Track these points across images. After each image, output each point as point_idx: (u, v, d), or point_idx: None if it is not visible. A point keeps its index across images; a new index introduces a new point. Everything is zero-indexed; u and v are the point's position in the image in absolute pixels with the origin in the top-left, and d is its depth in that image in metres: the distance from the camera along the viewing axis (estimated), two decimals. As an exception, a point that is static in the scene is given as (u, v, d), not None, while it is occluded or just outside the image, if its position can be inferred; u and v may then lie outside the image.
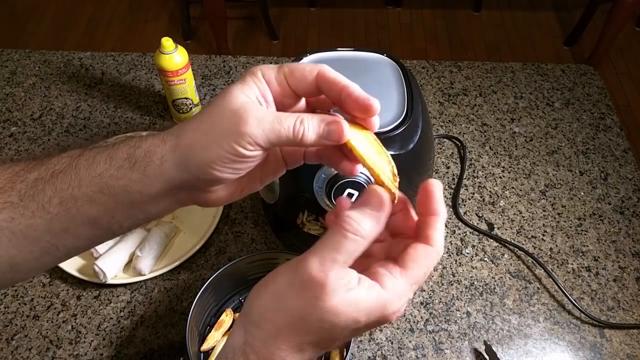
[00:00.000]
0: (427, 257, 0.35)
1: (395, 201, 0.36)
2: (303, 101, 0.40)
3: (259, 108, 0.36)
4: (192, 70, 0.99)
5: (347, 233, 0.33)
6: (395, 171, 0.38)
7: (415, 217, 0.38)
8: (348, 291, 0.33)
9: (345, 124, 0.36)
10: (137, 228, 0.41)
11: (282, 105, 0.39)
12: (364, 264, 0.35)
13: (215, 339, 0.74)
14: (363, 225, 0.33)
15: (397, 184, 0.37)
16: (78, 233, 0.39)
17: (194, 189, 0.39)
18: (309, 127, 0.36)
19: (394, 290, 0.33)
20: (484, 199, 0.95)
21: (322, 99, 0.39)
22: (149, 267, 0.83)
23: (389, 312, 0.34)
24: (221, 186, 0.40)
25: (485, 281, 0.85)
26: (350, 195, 0.66)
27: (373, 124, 0.38)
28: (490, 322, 0.81)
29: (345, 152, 0.40)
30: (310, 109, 0.41)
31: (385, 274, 0.34)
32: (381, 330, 0.80)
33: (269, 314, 0.34)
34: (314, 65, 0.37)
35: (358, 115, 0.38)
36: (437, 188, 0.36)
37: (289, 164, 0.42)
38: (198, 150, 0.36)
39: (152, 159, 0.37)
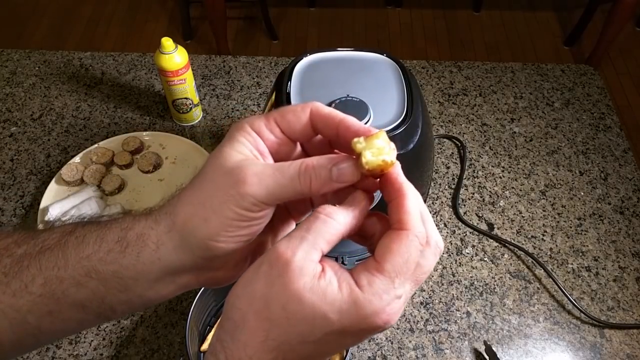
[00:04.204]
0: (401, 242, 0.30)
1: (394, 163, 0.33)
2: (299, 148, 0.37)
3: (256, 163, 0.33)
4: (192, 70, 0.99)
5: (318, 214, 0.31)
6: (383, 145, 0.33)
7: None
8: (316, 278, 0.30)
9: (353, 162, 0.33)
10: (136, 312, 0.38)
11: (279, 155, 0.36)
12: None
13: (215, 339, 0.74)
14: (334, 210, 0.32)
15: (392, 153, 0.33)
16: (64, 317, 0.35)
17: (196, 270, 0.36)
18: (314, 173, 0.32)
19: (369, 287, 0.30)
20: (484, 199, 0.95)
21: (317, 144, 0.36)
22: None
23: (367, 312, 0.29)
24: (227, 260, 0.36)
25: (485, 281, 0.85)
26: None
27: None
28: (490, 322, 0.81)
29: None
30: (306, 156, 0.37)
31: (361, 271, 0.31)
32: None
33: (238, 301, 0.31)
34: (305, 104, 0.34)
35: None
36: (396, 167, 0.33)
37: (295, 216, 0.39)
38: (197, 224, 0.33)
39: (147, 242, 0.34)
